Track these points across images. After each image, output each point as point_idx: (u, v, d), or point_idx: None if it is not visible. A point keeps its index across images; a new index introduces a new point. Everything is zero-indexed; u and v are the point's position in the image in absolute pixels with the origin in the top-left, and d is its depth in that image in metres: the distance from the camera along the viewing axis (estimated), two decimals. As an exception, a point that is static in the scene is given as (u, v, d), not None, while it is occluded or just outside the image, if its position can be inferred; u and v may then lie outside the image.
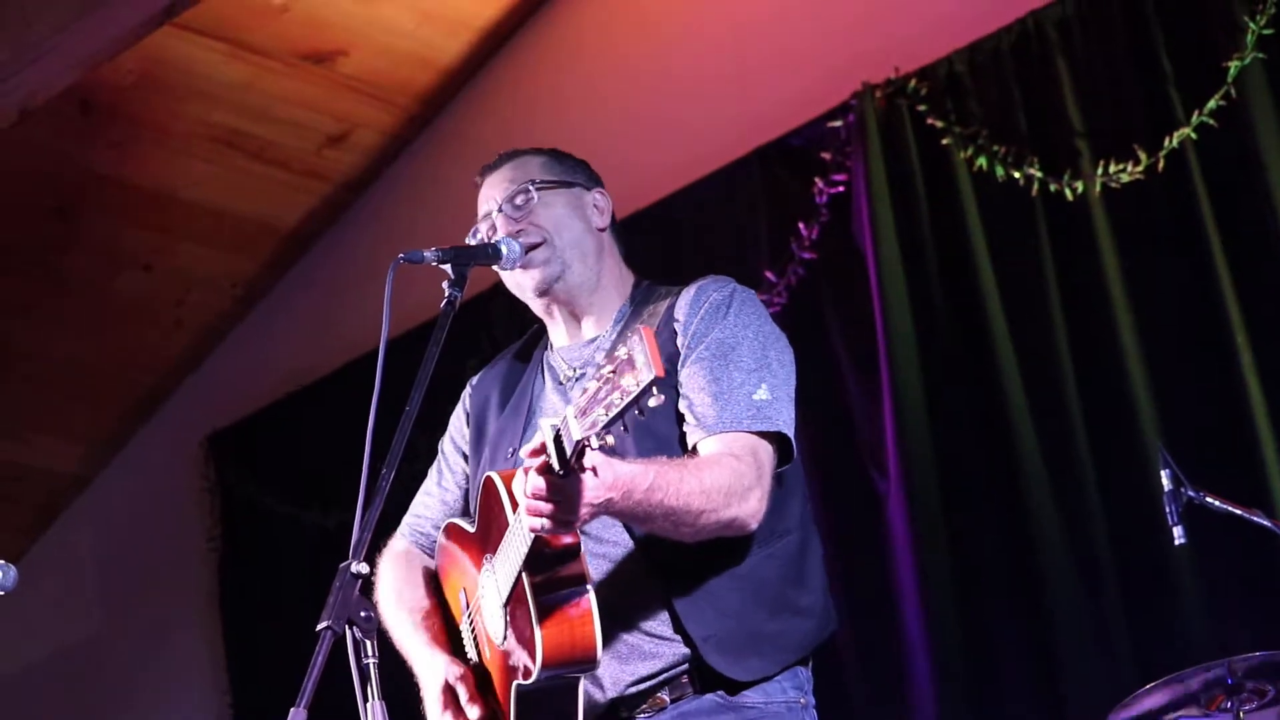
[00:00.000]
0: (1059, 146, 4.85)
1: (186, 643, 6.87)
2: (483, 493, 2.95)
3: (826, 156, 5.17)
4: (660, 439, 2.91)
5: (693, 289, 3.08)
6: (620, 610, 2.87)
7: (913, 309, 4.99)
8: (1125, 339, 4.67)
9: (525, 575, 2.75)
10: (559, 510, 2.61)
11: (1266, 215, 4.50)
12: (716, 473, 2.80)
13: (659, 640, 2.89)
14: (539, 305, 3.17)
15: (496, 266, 3.09)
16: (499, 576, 2.86)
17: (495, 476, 2.88)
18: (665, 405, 2.45)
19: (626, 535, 2.91)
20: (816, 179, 5.18)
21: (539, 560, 2.74)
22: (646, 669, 2.89)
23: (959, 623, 4.81)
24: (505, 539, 2.82)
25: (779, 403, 2.93)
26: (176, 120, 6.19)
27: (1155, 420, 4.59)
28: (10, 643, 7.10)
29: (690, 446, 2.91)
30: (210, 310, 6.88)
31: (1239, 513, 3.77)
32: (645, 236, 5.35)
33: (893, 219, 5.05)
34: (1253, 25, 4.53)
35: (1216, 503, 3.77)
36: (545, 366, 3.18)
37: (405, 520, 3.34)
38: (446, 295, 2.93)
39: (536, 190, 3.13)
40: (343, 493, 4.71)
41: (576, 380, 3.09)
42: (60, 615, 7.14)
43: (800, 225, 5.20)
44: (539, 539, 2.71)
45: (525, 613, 2.76)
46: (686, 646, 2.87)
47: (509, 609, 2.84)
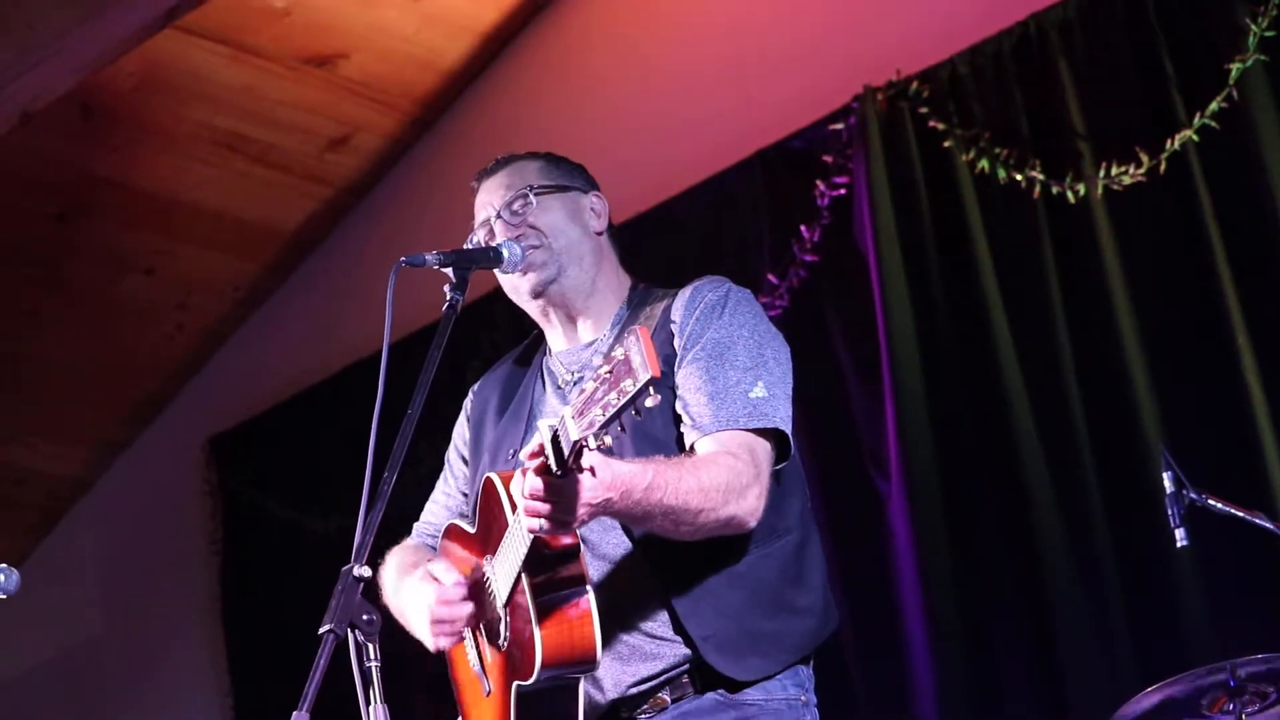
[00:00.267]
0: (1061, 149, 4.85)
1: (188, 645, 6.87)
2: (482, 494, 2.95)
3: (828, 159, 5.18)
4: (657, 440, 2.91)
5: (688, 290, 3.08)
6: (620, 611, 2.87)
7: (914, 311, 4.99)
8: (1127, 341, 4.67)
9: (525, 576, 2.76)
10: (557, 511, 2.61)
11: (1268, 217, 4.50)
12: (714, 471, 2.80)
13: (659, 641, 2.89)
14: (535, 308, 3.17)
15: (497, 270, 3.09)
16: (498, 577, 2.86)
17: (494, 478, 2.88)
18: (662, 406, 2.45)
19: (625, 536, 2.91)
20: (818, 181, 5.18)
21: (538, 561, 2.75)
22: (647, 669, 2.89)
23: (960, 623, 4.81)
24: (504, 540, 2.82)
25: (775, 400, 2.93)
26: (178, 124, 6.19)
27: (1157, 422, 4.59)
28: (13, 645, 7.10)
29: (688, 446, 2.91)
30: (212, 314, 6.89)
31: (1241, 515, 3.77)
32: (647, 239, 5.36)
33: (894, 221, 5.05)
34: (1254, 27, 4.52)
35: (1218, 505, 3.76)
36: (544, 371, 3.18)
37: (415, 527, 3.35)
38: (448, 299, 2.93)
39: (534, 195, 3.13)
40: (344, 496, 4.71)
41: (575, 384, 3.09)
42: (62, 618, 7.14)
43: (802, 228, 5.20)
44: (538, 540, 2.71)
45: (525, 614, 2.76)
46: (687, 647, 2.87)
47: (508, 610, 2.84)
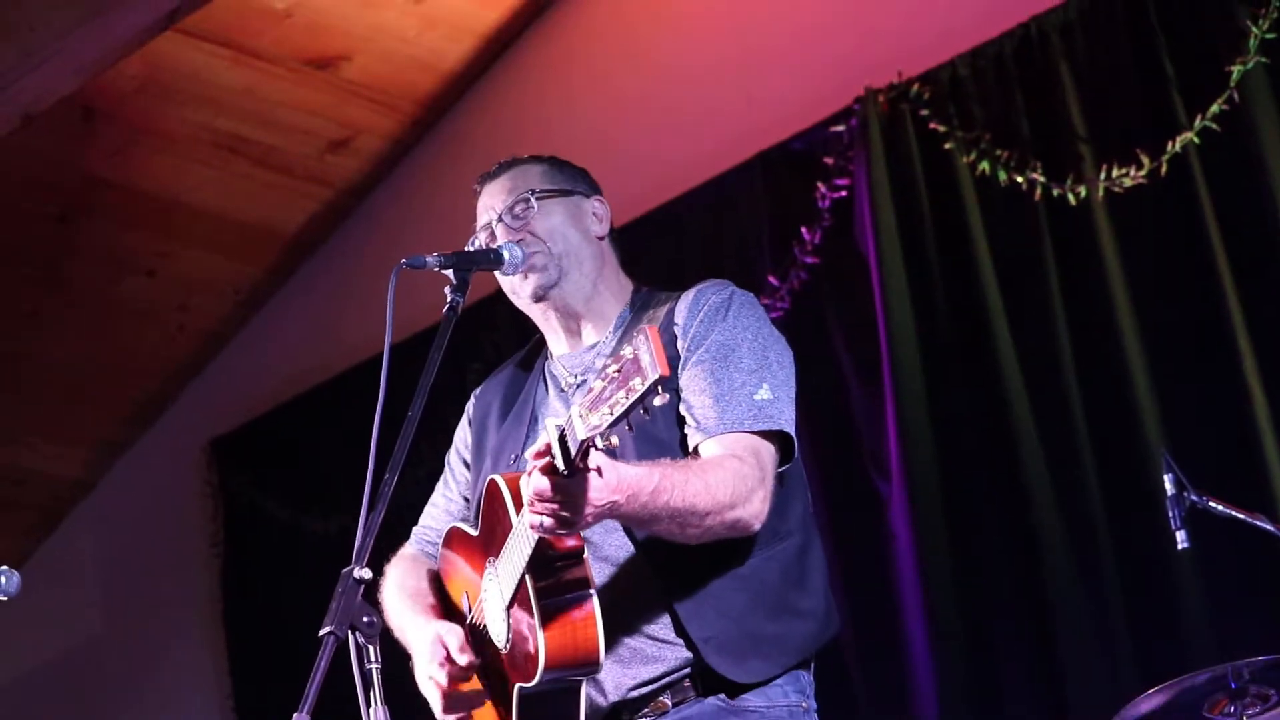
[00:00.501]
0: (1062, 151, 4.85)
1: (189, 647, 6.87)
2: (486, 496, 2.95)
3: (829, 161, 5.18)
4: (661, 443, 2.91)
5: (691, 293, 3.08)
6: (622, 614, 2.87)
7: (915, 312, 4.99)
8: (1128, 343, 4.67)
9: (528, 578, 2.75)
10: (563, 510, 2.61)
11: (1269, 219, 4.50)
12: (720, 474, 2.80)
13: (661, 644, 2.89)
14: (535, 312, 3.17)
15: (498, 272, 3.09)
16: (502, 579, 2.86)
17: (499, 479, 2.88)
18: (665, 409, 2.45)
19: (628, 538, 2.91)
20: (819, 183, 5.18)
21: (542, 563, 2.74)
22: (649, 673, 2.89)
23: (961, 625, 4.81)
24: (509, 541, 2.82)
25: (780, 402, 2.93)
26: (179, 125, 6.19)
27: (1158, 424, 4.59)
28: (13, 647, 7.10)
29: (692, 448, 2.91)
30: (213, 315, 6.88)
31: (1242, 517, 3.76)
32: (648, 240, 5.37)
33: (895, 223, 5.05)
34: (1255, 29, 4.52)
35: (1219, 507, 3.76)
36: (546, 375, 3.18)
37: (414, 531, 3.35)
38: (449, 300, 2.93)
39: (536, 199, 3.13)
40: (345, 498, 4.71)
41: (578, 387, 3.08)
42: (63, 620, 7.13)
43: (803, 229, 5.20)
44: (542, 541, 2.70)
45: (528, 615, 2.76)
46: (689, 650, 2.87)
47: (511, 611, 2.84)
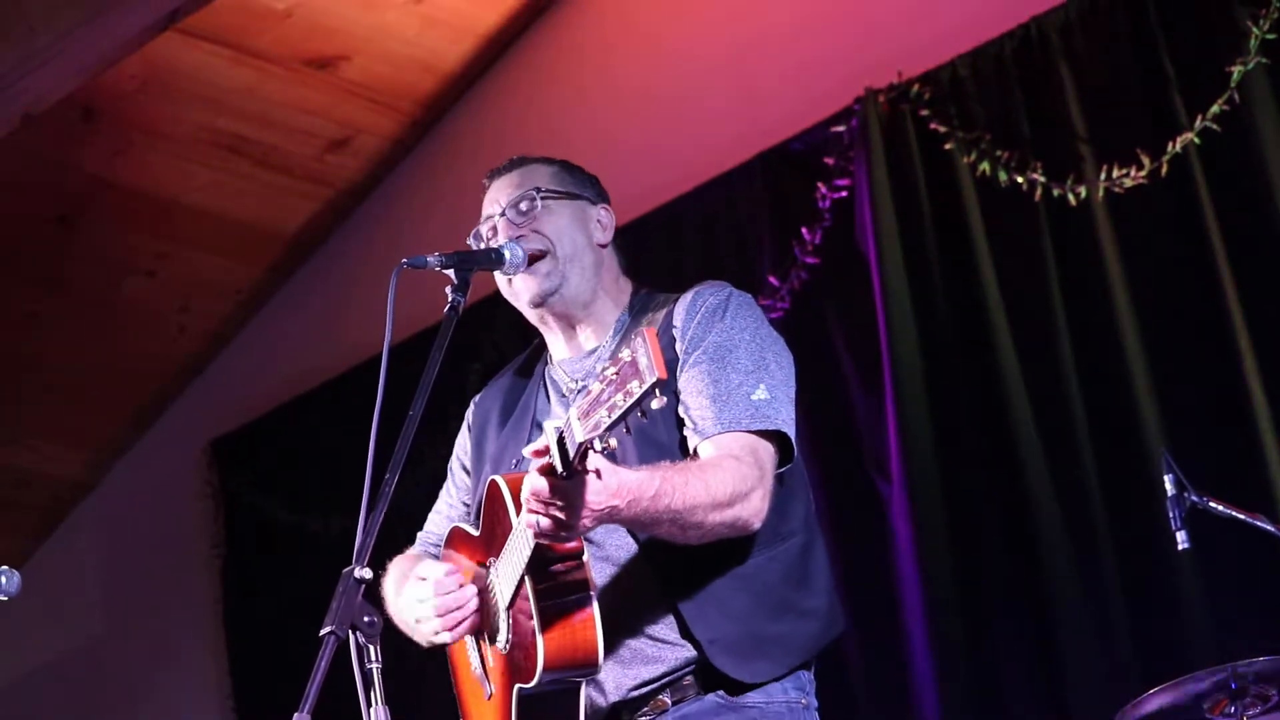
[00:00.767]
0: (1062, 151, 4.85)
1: (190, 648, 6.87)
2: (486, 497, 2.95)
3: (830, 161, 5.18)
4: (661, 444, 2.91)
5: (689, 295, 3.08)
6: (623, 614, 2.87)
7: (915, 313, 4.99)
8: (1128, 343, 4.67)
9: (528, 579, 2.76)
10: (561, 513, 2.61)
11: (1269, 219, 4.50)
12: (719, 474, 2.79)
13: (662, 644, 2.89)
14: (533, 315, 3.16)
15: (497, 272, 3.09)
16: (502, 580, 2.86)
17: (500, 480, 2.88)
18: (665, 410, 2.45)
19: (630, 539, 2.91)
20: (819, 184, 5.18)
21: (542, 564, 2.74)
22: (649, 673, 2.89)
23: (961, 625, 4.81)
24: (508, 543, 2.82)
25: (778, 402, 2.93)
26: (179, 126, 6.19)
27: (1158, 424, 4.59)
28: (13, 648, 7.10)
29: (691, 450, 2.91)
30: (213, 316, 6.88)
31: (1242, 517, 3.76)
32: (649, 241, 5.37)
33: (896, 223, 5.05)
34: (1256, 30, 4.52)
35: (1220, 507, 3.76)
36: (547, 380, 3.18)
37: (418, 537, 3.35)
38: (449, 300, 2.93)
39: (541, 198, 3.13)
40: (345, 498, 4.69)
41: (579, 392, 3.08)
42: (63, 620, 7.13)
43: (803, 230, 5.20)
44: (541, 543, 2.71)
45: (527, 616, 2.76)
46: (691, 650, 2.87)
47: (511, 612, 2.84)
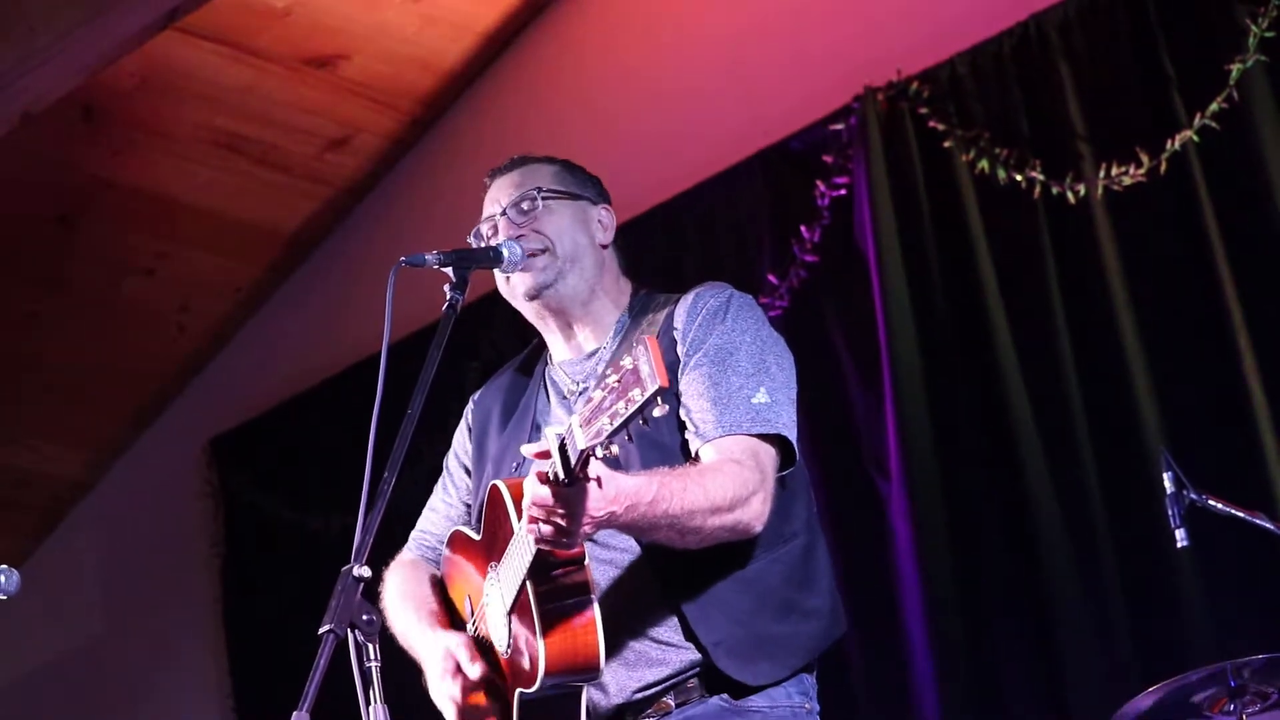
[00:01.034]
0: (1061, 149, 4.84)
1: (189, 647, 6.86)
2: (488, 501, 2.95)
3: (828, 159, 5.17)
4: (664, 447, 2.91)
5: (690, 297, 3.07)
6: (627, 617, 2.87)
7: (915, 312, 4.99)
8: (1127, 342, 4.67)
9: (529, 584, 2.75)
10: (562, 520, 2.60)
11: (1269, 218, 4.49)
12: (719, 478, 2.79)
13: (666, 647, 2.89)
14: (530, 311, 3.15)
15: (496, 270, 3.08)
16: (503, 585, 2.86)
17: (501, 485, 2.88)
18: (667, 414, 2.44)
19: (633, 542, 2.90)
20: (818, 182, 5.18)
21: (543, 569, 2.74)
22: (653, 675, 2.89)
23: (961, 624, 4.81)
24: (510, 547, 2.82)
25: (778, 405, 2.92)
26: (179, 125, 6.19)
27: (1157, 422, 4.59)
28: (13, 647, 7.09)
29: (692, 453, 2.91)
30: (213, 315, 6.88)
31: (1241, 515, 3.76)
32: (648, 240, 5.37)
33: (895, 222, 5.05)
34: (1255, 28, 4.52)
35: (1219, 505, 3.76)
36: (547, 381, 3.17)
37: (412, 535, 3.33)
38: (448, 299, 2.93)
39: (542, 198, 3.12)
40: (345, 497, 4.69)
41: (580, 394, 3.08)
42: (63, 620, 7.13)
43: (802, 228, 5.20)
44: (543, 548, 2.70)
45: (529, 621, 2.76)
46: (695, 652, 2.87)
47: (513, 617, 2.84)
